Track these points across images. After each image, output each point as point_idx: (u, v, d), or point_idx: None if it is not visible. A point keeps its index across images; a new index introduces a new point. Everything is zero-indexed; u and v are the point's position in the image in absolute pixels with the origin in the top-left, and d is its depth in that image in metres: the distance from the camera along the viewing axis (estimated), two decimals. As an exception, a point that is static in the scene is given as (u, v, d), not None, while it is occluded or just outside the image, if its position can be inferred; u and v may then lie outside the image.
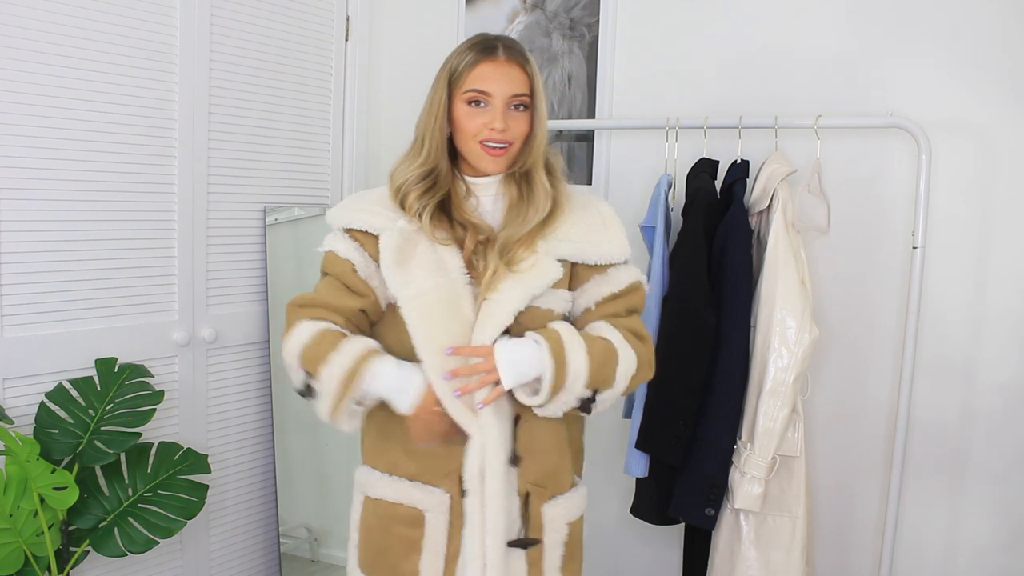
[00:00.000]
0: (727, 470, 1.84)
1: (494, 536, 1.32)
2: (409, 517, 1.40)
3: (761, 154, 1.93)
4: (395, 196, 1.42)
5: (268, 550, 2.51)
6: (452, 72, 1.38)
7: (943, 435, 1.93)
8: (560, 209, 1.42)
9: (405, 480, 1.41)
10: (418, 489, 1.40)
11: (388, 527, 1.42)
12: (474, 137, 1.37)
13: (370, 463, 1.48)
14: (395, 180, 1.43)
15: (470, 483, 1.33)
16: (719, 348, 1.85)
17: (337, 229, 1.44)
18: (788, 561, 1.83)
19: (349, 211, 1.44)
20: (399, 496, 1.41)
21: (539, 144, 1.41)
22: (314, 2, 2.52)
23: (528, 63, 1.40)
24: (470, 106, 1.37)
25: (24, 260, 1.91)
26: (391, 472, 1.42)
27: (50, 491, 1.76)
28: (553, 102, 2.42)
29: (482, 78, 1.36)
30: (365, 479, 1.47)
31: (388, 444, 1.43)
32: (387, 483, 1.42)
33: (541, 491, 1.40)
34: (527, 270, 1.34)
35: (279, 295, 2.46)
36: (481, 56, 1.36)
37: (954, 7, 1.86)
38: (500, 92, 1.36)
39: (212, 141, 2.26)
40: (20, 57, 1.86)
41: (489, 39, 1.40)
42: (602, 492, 2.42)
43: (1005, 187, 1.84)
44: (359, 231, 1.40)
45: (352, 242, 1.40)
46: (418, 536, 1.39)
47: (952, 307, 1.90)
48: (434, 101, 1.39)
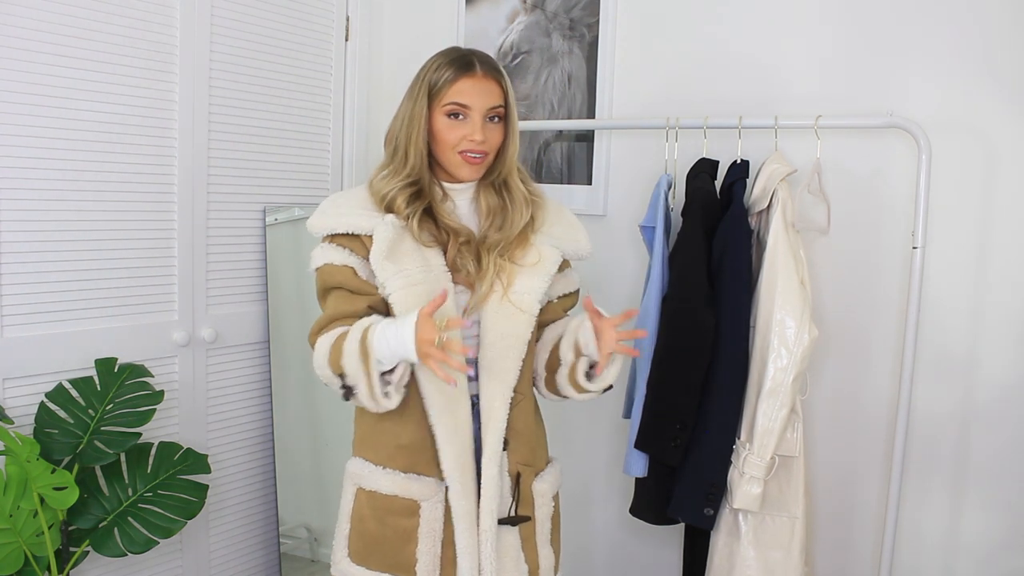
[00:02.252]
0: (726, 470, 1.84)
1: (488, 515, 1.42)
2: (404, 508, 1.44)
3: (761, 154, 1.93)
4: (380, 203, 1.46)
5: (268, 550, 2.51)
6: (432, 86, 1.44)
7: (943, 435, 1.93)
8: (541, 209, 1.54)
9: (399, 472, 1.45)
10: (412, 480, 1.44)
11: (383, 518, 1.46)
12: (454, 148, 1.44)
13: (362, 455, 1.51)
14: (379, 190, 1.47)
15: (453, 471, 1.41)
16: (718, 348, 1.85)
17: (322, 239, 1.47)
18: (787, 561, 1.83)
19: (331, 217, 1.46)
20: (394, 488, 1.45)
21: (513, 152, 1.51)
22: (314, 2, 2.52)
23: (503, 77, 1.48)
24: (450, 118, 1.44)
25: (24, 260, 1.92)
26: (384, 465, 1.47)
27: (50, 491, 1.77)
28: (553, 102, 2.42)
29: (462, 92, 1.43)
30: (358, 471, 1.50)
31: (381, 437, 1.47)
32: (381, 475, 1.46)
33: (528, 470, 1.50)
34: (535, 265, 1.47)
35: (279, 295, 2.46)
36: (460, 72, 1.44)
37: (954, 7, 1.86)
38: (478, 105, 1.43)
39: (212, 141, 2.26)
40: (20, 57, 1.86)
41: (465, 54, 1.47)
42: (602, 492, 2.42)
43: (1005, 187, 1.84)
44: (345, 235, 1.44)
45: (342, 249, 1.44)
46: (414, 525, 1.44)
47: (952, 307, 1.90)
48: (414, 113, 1.45)
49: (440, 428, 1.41)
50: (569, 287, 1.58)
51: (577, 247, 1.57)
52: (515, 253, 1.47)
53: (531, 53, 2.45)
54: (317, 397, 2.55)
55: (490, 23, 2.51)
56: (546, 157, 2.45)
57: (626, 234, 2.31)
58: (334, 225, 1.45)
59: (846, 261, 2.00)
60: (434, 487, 1.44)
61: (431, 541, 1.44)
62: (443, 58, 1.47)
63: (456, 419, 1.42)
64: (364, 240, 1.43)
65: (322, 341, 1.40)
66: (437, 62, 1.46)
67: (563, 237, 1.54)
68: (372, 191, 1.48)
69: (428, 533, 1.44)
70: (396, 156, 1.48)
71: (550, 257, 1.49)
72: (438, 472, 1.44)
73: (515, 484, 1.47)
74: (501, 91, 1.46)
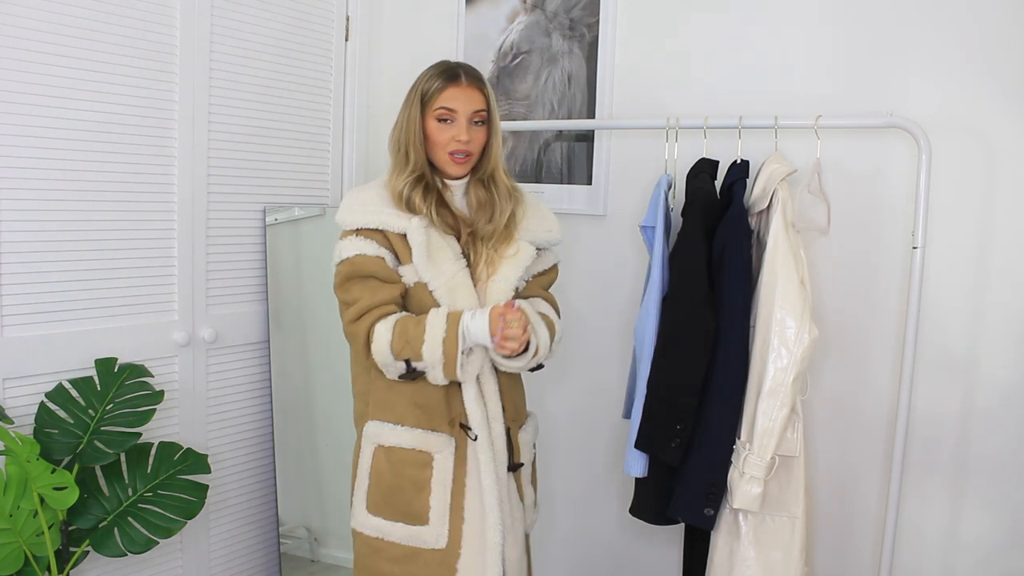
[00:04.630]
0: (726, 470, 1.84)
1: (502, 466, 1.70)
2: (419, 460, 1.68)
3: (761, 154, 1.93)
4: (399, 201, 1.68)
5: (268, 550, 2.52)
6: (424, 95, 1.69)
7: (943, 435, 1.93)
8: (521, 205, 1.77)
9: (417, 429, 1.68)
10: (428, 435, 1.68)
11: (400, 470, 1.68)
12: (444, 148, 1.68)
13: (379, 417, 1.72)
14: (394, 188, 1.70)
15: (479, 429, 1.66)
16: (718, 348, 1.85)
17: (352, 232, 1.68)
18: (787, 561, 1.83)
19: (360, 213, 1.69)
20: (411, 442, 1.68)
21: (497, 150, 1.75)
22: (314, 2, 2.52)
23: (485, 86, 1.72)
24: (439, 122, 1.68)
25: (24, 260, 1.92)
26: (400, 423, 1.69)
27: (50, 491, 1.77)
28: (553, 102, 2.42)
29: (450, 99, 1.67)
30: (377, 431, 1.71)
31: (397, 398, 1.70)
32: (399, 432, 1.69)
33: (515, 424, 1.78)
34: (512, 256, 1.71)
35: (279, 295, 2.46)
36: (448, 82, 1.68)
37: (954, 7, 1.86)
38: (464, 110, 1.67)
39: (212, 141, 2.26)
40: (20, 57, 1.86)
41: (452, 67, 1.70)
42: (602, 492, 2.42)
43: (1005, 187, 1.84)
44: (375, 230, 1.67)
45: (372, 242, 1.66)
46: (427, 476, 1.67)
47: (952, 307, 1.90)
48: (410, 118, 1.70)
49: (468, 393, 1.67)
50: (545, 265, 1.81)
51: (549, 236, 1.80)
52: (500, 245, 1.71)
53: (531, 53, 2.45)
54: (317, 397, 2.55)
55: (490, 23, 2.51)
56: (546, 157, 2.45)
57: (626, 234, 2.31)
58: (366, 221, 1.67)
59: (846, 261, 2.00)
60: (445, 441, 1.68)
61: (442, 489, 1.67)
62: (433, 70, 1.71)
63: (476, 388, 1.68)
64: (390, 236, 1.66)
65: (381, 328, 1.61)
66: (428, 74, 1.71)
67: (537, 229, 1.77)
68: (389, 189, 1.70)
69: (440, 482, 1.67)
70: (399, 156, 1.71)
71: (526, 251, 1.72)
72: (449, 428, 1.68)
73: (508, 437, 1.73)
74: (483, 98, 1.70)
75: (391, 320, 1.62)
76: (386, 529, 1.70)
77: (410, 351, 1.59)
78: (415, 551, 1.68)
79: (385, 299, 1.64)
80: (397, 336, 1.60)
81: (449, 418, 1.69)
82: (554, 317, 1.77)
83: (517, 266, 1.71)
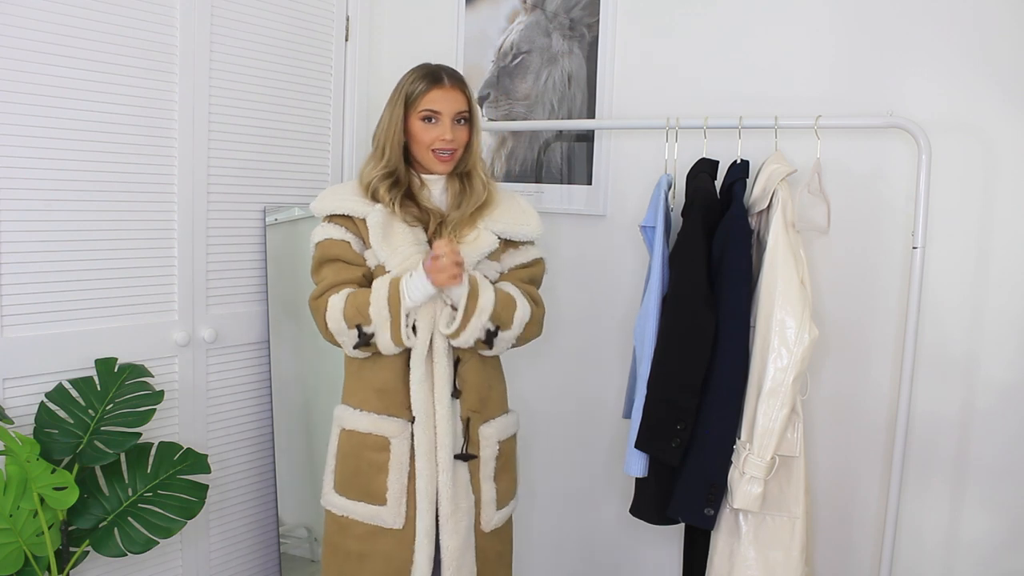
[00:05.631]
0: (726, 470, 1.84)
1: (444, 450, 1.72)
2: (377, 443, 1.76)
3: (761, 154, 1.93)
4: (366, 191, 1.78)
5: (268, 550, 2.52)
6: (408, 96, 1.77)
7: (943, 435, 1.93)
8: (493, 199, 1.83)
9: (374, 414, 1.77)
10: (384, 420, 1.76)
11: (360, 453, 1.78)
12: (428, 146, 1.77)
13: (346, 402, 1.83)
14: (364, 179, 1.80)
15: (420, 411, 1.71)
16: (718, 348, 1.85)
17: (322, 218, 1.80)
18: (787, 561, 1.83)
19: (331, 201, 1.80)
20: (369, 426, 1.77)
21: (477, 147, 1.84)
22: (314, 2, 2.52)
23: (466, 88, 1.81)
24: (424, 122, 1.77)
25: (24, 260, 1.92)
26: (361, 408, 1.79)
27: (50, 491, 1.77)
28: (553, 102, 2.42)
29: (434, 100, 1.75)
30: (342, 414, 1.82)
31: (360, 384, 1.79)
32: (359, 417, 1.78)
33: (477, 416, 1.80)
34: (472, 242, 1.75)
35: (279, 295, 2.46)
36: (432, 84, 1.76)
37: (955, 7, 1.86)
38: (448, 110, 1.76)
39: (212, 141, 2.26)
40: (20, 57, 1.86)
41: (434, 70, 1.78)
42: (602, 492, 2.42)
43: (1005, 187, 1.84)
44: (343, 216, 1.78)
45: (340, 227, 1.77)
46: (385, 459, 1.75)
47: (952, 307, 1.90)
48: (392, 118, 1.78)
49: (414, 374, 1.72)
50: (524, 259, 1.84)
51: (525, 230, 1.83)
52: (463, 231, 1.77)
53: (531, 53, 2.45)
54: (317, 397, 2.55)
55: (490, 23, 2.51)
56: (546, 157, 2.45)
57: (626, 234, 2.31)
58: (335, 207, 1.78)
59: (846, 261, 2.00)
60: (402, 426, 1.75)
61: (399, 473, 1.74)
62: (417, 73, 1.78)
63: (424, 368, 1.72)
64: (357, 221, 1.76)
65: (334, 299, 1.70)
66: (412, 76, 1.78)
67: (509, 222, 1.81)
68: (360, 180, 1.81)
69: (397, 466, 1.74)
70: (377, 150, 1.81)
71: (486, 238, 1.76)
72: (407, 414, 1.74)
73: (465, 427, 1.77)
74: (465, 99, 1.79)
75: (344, 292, 1.71)
76: (350, 508, 1.78)
77: (360, 316, 1.67)
78: (377, 530, 1.76)
79: (347, 279, 1.74)
80: (349, 304, 1.69)
81: (407, 404, 1.74)
82: (520, 299, 1.75)
83: (476, 251, 1.74)
